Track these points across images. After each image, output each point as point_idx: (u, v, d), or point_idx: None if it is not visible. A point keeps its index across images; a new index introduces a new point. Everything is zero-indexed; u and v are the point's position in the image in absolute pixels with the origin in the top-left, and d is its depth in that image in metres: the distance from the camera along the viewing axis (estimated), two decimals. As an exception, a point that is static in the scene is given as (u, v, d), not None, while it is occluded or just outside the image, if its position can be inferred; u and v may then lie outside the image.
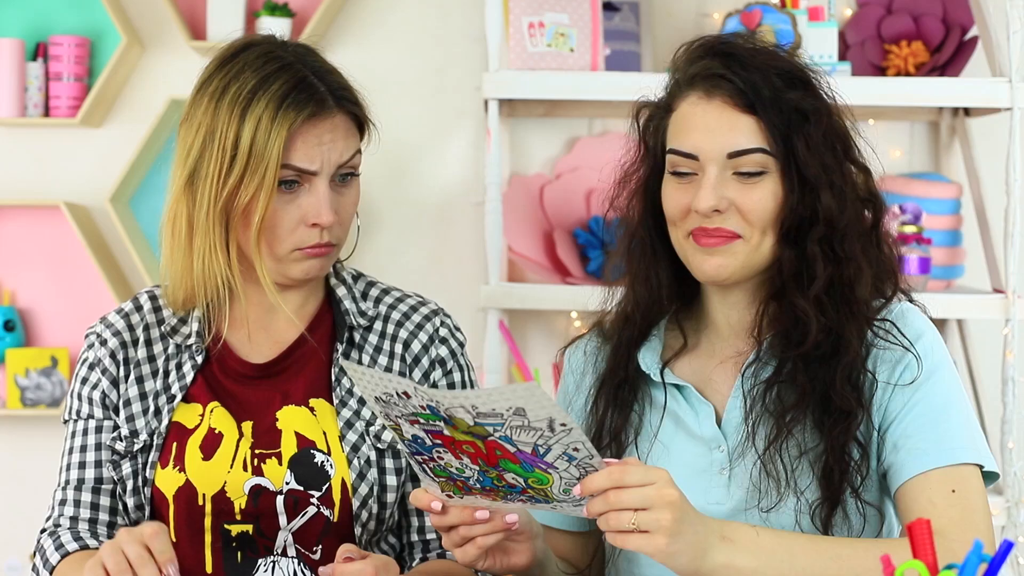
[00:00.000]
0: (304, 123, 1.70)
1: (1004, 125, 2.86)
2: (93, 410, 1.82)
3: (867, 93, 2.85)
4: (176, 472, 1.75)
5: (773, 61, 1.66)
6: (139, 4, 3.24)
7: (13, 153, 3.27)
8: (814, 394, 1.62)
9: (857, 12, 3.12)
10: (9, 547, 3.24)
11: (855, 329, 1.64)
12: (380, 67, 3.24)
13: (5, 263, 3.28)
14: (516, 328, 3.14)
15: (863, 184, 1.68)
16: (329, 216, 1.72)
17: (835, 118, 1.67)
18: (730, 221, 1.63)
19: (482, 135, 3.16)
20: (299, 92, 1.71)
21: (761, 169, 1.62)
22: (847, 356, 1.63)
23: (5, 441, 3.28)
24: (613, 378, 1.74)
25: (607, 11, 3.07)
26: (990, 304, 2.85)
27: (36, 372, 3.20)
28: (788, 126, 1.62)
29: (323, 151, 1.72)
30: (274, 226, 1.72)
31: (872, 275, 1.66)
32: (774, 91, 1.63)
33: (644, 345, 1.74)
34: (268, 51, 1.75)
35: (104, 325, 1.85)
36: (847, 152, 1.67)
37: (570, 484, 1.44)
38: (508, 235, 3.03)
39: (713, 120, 1.63)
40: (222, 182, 1.70)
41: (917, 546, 1.24)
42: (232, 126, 1.69)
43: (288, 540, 1.75)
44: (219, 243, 1.72)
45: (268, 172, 1.68)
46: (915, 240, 2.88)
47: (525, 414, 1.39)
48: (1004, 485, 2.83)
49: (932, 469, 1.59)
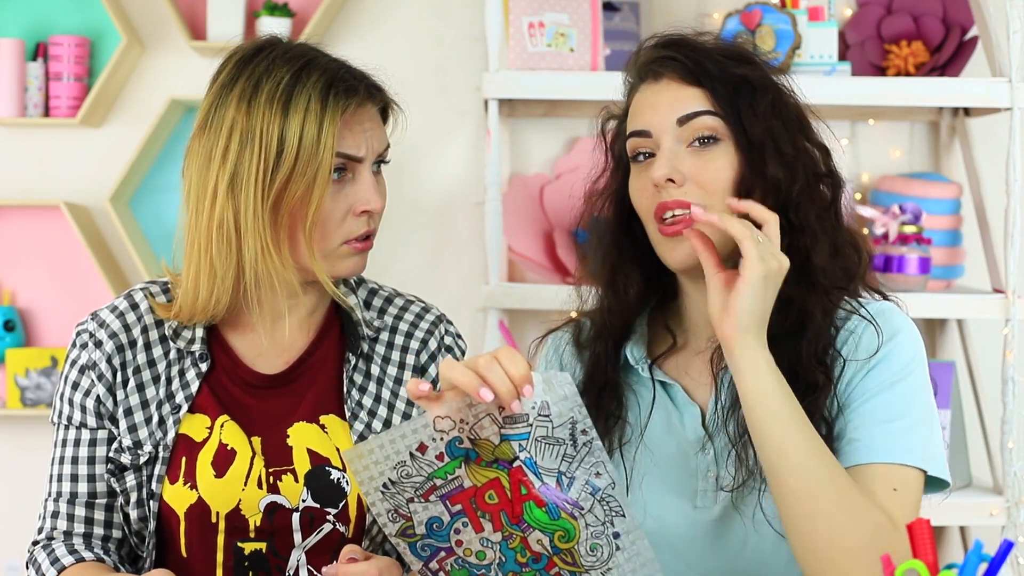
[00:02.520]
0: (351, 111, 1.71)
1: (1004, 125, 2.86)
2: (86, 419, 1.76)
3: (867, 93, 2.85)
4: (187, 489, 1.71)
5: (719, 44, 1.70)
6: (139, 4, 3.24)
7: (13, 153, 3.27)
8: (782, 371, 1.61)
9: (857, 12, 3.12)
10: (9, 547, 3.24)
11: (816, 299, 1.63)
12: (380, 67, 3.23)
13: (5, 263, 3.28)
14: (516, 328, 3.14)
15: (821, 161, 1.68)
16: (378, 201, 1.72)
17: (785, 95, 1.68)
18: (690, 194, 1.63)
19: (482, 135, 3.16)
20: (339, 82, 1.71)
21: (712, 134, 1.63)
22: (811, 329, 1.63)
23: (5, 441, 3.28)
24: (594, 385, 1.74)
25: (607, 11, 3.07)
26: (990, 304, 2.85)
27: (36, 372, 3.20)
28: (735, 94, 1.64)
29: (367, 138, 1.73)
30: (325, 219, 1.70)
31: (830, 246, 1.65)
32: (719, 66, 1.65)
33: (629, 341, 1.75)
34: (289, 48, 1.74)
35: (97, 324, 1.78)
36: (801, 127, 1.68)
37: (597, 534, 1.41)
38: (508, 235, 3.03)
39: (662, 96, 1.66)
40: (269, 180, 1.67)
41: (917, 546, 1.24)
42: (275, 123, 1.67)
43: (301, 560, 1.72)
44: (271, 242, 1.69)
45: (324, 163, 1.67)
46: (915, 240, 2.88)
47: (549, 412, 1.37)
48: (1004, 485, 2.83)
49: (875, 463, 1.58)
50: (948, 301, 2.86)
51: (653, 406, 1.71)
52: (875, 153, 3.23)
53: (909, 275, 2.87)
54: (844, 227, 1.69)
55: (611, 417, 1.72)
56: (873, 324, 1.65)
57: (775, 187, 1.62)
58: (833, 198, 1.68)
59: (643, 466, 1.69)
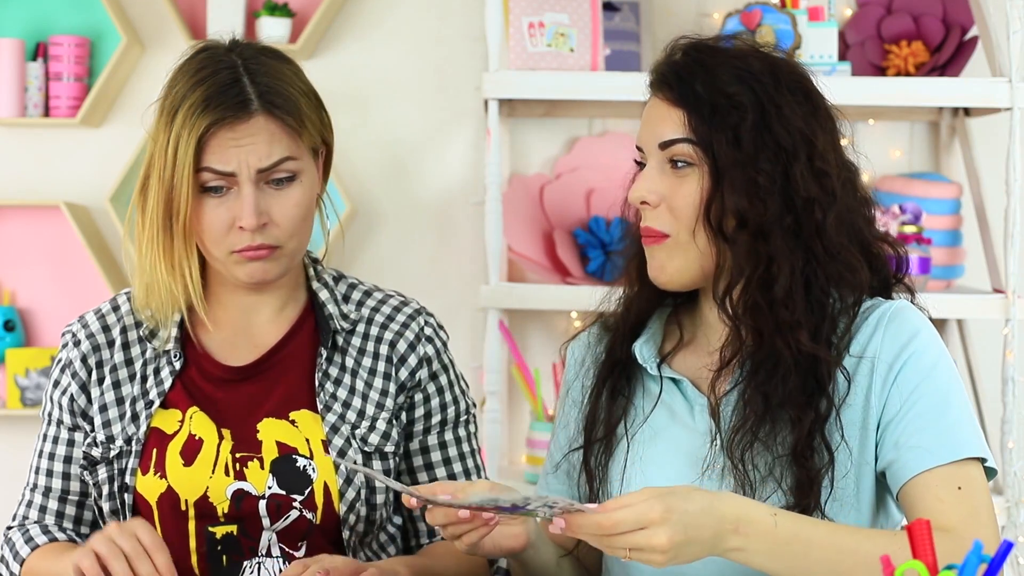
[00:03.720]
0: (217, 127, 1.71)
1: (1004, 125, 2.86)
2: (62, 415, 1.85)
3: (867, 93, 2.85)
4: (157, 479, 1.76)
5: (732, 60, 1.67)
6: (139, 4, 3.24)
7: (13, 153, 3.27)
8: (768, 404, 1.62)
9: (857, 12, 3.12)
10: (9, 547, 3.25)
11: (774, 330, 1.62)
12: (380, 67, 3.24)
13: (5, 263, 3.28)
14: (516, 328, 3.14)
15: (811, 184, 1.65)
16: (251, 219, 1.71)
17: (788, 116, 1.65)
18: (659, 220, 1.66)
19: (482, 135, 3.16)
20: (219, 96, 1.72)
21: (687, 159, 1.65)
22: (781, 366, 1.62)
23: (5, 441, 3.28)
24: (609, 365, 1.77)
25: (607, 11, 3.07)
26: (990, 304, 2.85)
27: (36, 372, 3.20)
28: (713, 117, 1.64)
29: (240, 152, 1.72)
30: (207, 230, 1.74)
31: (801, 274, 1.63)
32: (709, 87, 1.65)
33: (641, 338, 1.76)
34: (212, 56, 1.76)
35: (80, 325, 1.87)
36: (797, 151, 1.65)
37: (553, 516, 1.47)
38: (508, 235, 3.03)
39: (652, 114, 1.69)
40: (161, 189, 1.74)
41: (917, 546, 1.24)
42: (164, 133, 1.73)
43: (272, 540, 1.76)
44: (163, 249, 1.76)
45: (184, 175, 1.71)
46: (915, 240, 2.88)
47: (499, 501, 1.46)
48: (1004, 485, 2.83)
49: (936, 467, 1.58)
50: (948, 301, 2.86)
51: (659, 399, 1.72)
52: (875, 153, 3.22)
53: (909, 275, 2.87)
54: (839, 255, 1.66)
55: (620, 397, 1.74)
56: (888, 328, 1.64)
57: (739, 216, 1.63)
58: (821, 223, 1.64)
59: (649, 451, 1.71)
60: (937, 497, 1.57)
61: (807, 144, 1.65)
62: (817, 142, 1.66)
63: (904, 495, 1.61)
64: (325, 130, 1.81)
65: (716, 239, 1.64)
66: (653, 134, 1.67)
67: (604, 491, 1.72)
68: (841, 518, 1.62)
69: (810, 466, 1.60)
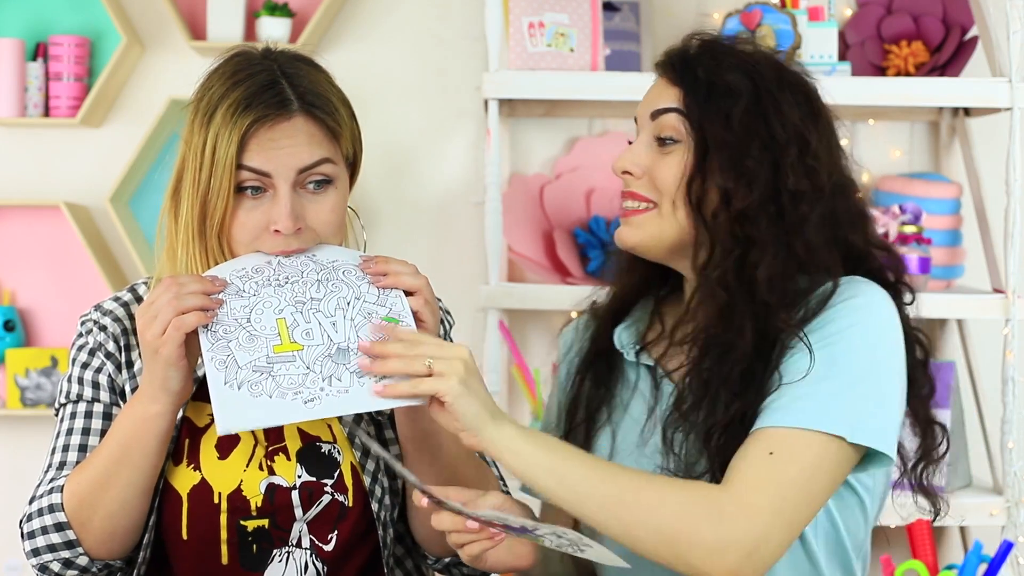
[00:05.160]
0: (258, 125, 1.70)
1: (1004, 125, 2.87)
2: (99, 394, 1.79)
3: (867, 93, 2.85)
4: (191, 470, 1.75)
5: (737, 54, 1.70)
6: (139, 4, 3.24)
7: (13, 153, 3.27)
8: (708, 388, 1.62)
9: (857, 12, 3.12)
10: (9, 547, 3.24)
11: (754, 311, 1.62)
12: (380, 67, 3.24)
13: (5, 263, 3.28)
14: (516, 328, 3.14)
15: (802, 179, 1.65)
16: (287, 222, 1.69)
17: (784, 112, 1.66)
18: (644, 187, 1.69)
19: (482, 135, 3.16)
20: (259, 96, 1.71)
21: (673, 135, 1.68)
22: (737, 349, 1.61)
23: (5, 441, 3.28)
24: (593, 353, 1.79)
25: (607, 11, 3.07)
26: (990, 304, 2.85)
27: (36, 372, 3.20)
28: (709, 98, 1.66)
29: (280, 154, 1.70)
30: (238, 232, 1.72)
31: (785, 263, 1.63)
32: (709, 72, 1.68)
33: (623, 325, 1.78)
34: (249, 59, 1.75)
35: (100, 312, 1.83)
36: (787, 145, 1.65)
37: (561, 546, 1.48)
38: (508, 235, 3.03)
39: (652, 91, 1.74)
40: (196, 192, 1.71)
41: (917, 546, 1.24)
42: (200, 135, 1.71)
43: (303, 531, 1.76)
44: (198, 253, 1.73)
45: (224, 175, 1.69)
46: (915, 240, 2.88)
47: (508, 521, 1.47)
48: (1004, 485, 2.83)
49: (772, 427, 1.55)
50: (948, 301, 2.86)
51: (636, 386, 1.75)
52: (875, 153, 3.23)
53: (909, 275, 2.87)
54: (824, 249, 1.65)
55: (600, 385, 1.77)
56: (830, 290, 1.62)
57: (723, 195, 1.64)
58: (802, 216, 1.64)
59: (622, 438, 1.73)
60: (744, 455, 1.54)
61: (800, 141, 1.66)
62: (811, 142, 1.67)
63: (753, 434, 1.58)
64: (356, 142, 1.81)
65: (695, 215, 1.65)
66: (648, 105, 1.72)
67: None
68: None
69: (724, 456, 1.58)
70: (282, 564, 1.76)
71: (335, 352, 1.57)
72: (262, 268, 1.65)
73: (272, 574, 1.75)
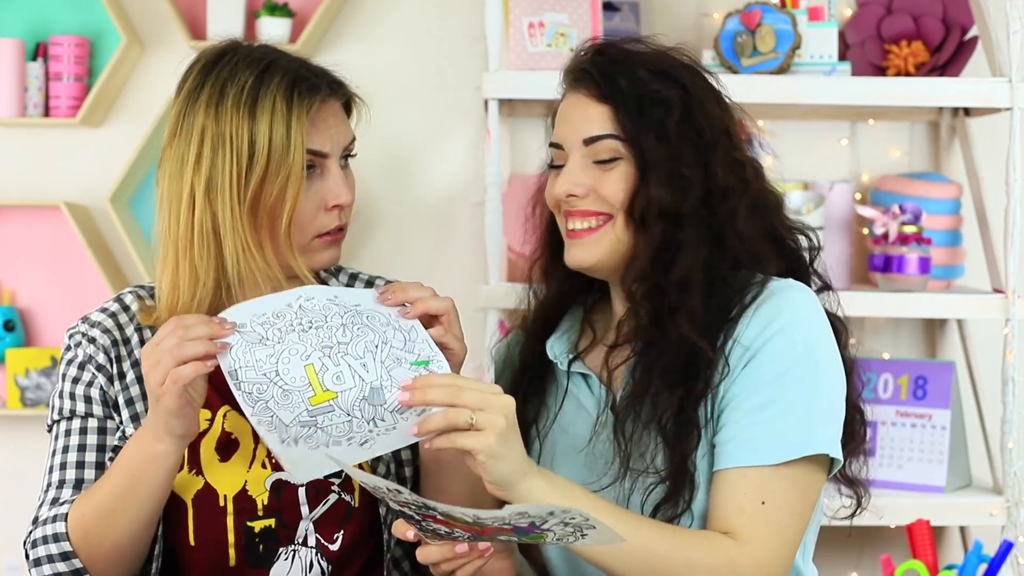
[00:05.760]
0: (316, 108, 1.73)
1: (1004, 125, 2.86)
2: (92, 408, 1.78)
3: (867, 93, 2.85)
4: (193, 476, 1.75)
5: (649, 58, 1.71)
6: (139, 4, 3.24)
7: (13, 153, 3.27)
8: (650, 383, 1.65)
9: (857, 12, 3.12)
10: (9, 547, 3.24)
11: (669, 316, 1.64)
12: (380, 67, 3.24)
13: (5, 263, 3.28)
14: (516, 328, 3.14)
15: (728, 175, 1.68)
16: (347, 195, 1.76)
17: (710, 109, 1.69)
18: (593, 203, 1.69)
19: (482, 135, 3.16)
20: (302, 81, 1.73)
21: (614, 156, 1.67)
22: (667, 349, 1.63)
23: (5, 441, 3.28)
24: (524, 368, 1.81)
25: (607, 11, 3.07)
26: (990, 304, 2.85)
27: (36, 372, 3.20)
28: (640, 113, 1.66)
29: (332, 134, 1.75)
30: (299, 215, 1.73)
31: (704, 261, 1.65)
32: (633, 83, 1.68)
33: (553, 335, 1.80)
34: (250, 51, 1.77)
35: (89, 324, 1.82)
36: (715, 143, 1.68)
37: (562, 535, 1.47)
38: (508, 235, 3.03)
39: (574, 110, 1.72)
40: (244, 183, 1.70)
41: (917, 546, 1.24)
42: (244, 126, 1.70)
43: (309, 529, 1.76)
44: (252, 243, 1.72)
45: (295, 161, 1.70)
46: (915, 240, 2.88)
47: (528, 513, 1.43)
48: (1004, 485, 2.83)
49: (752, 466, 1.59)
50: (948, 301, 2.86)
51: (566, 395, 1.76)
52: (875, 153, 3.23)
53: (909, 275, 2.87)
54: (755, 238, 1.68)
55: (533, 398, 1.78)
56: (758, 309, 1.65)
57: (660, 207, 1.65)
58: (732, 211, 1.67)
59: (557, 448, 1.75)
60: (739, 506, 1.58)
61: (725, 135, 1.69)
62: (733, 135, 1.70)
63: (716, 480, 1.62)
64: None
65: (636, 229, 1.66)
66: (576, 130, 1.70)
67: None
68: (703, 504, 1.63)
69: (679, 445, 1.62)
70: (287, 562, 1.76)
71: (369, 392, 1.55)
72: (283, 313, 1.61)
73: (277, 572, 1.76)
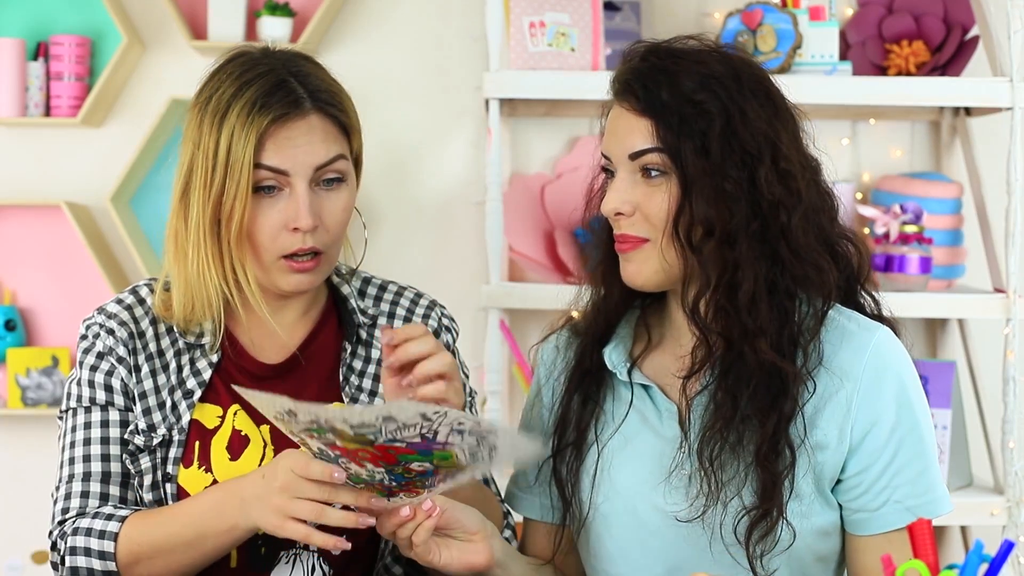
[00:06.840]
0: (275, 124, 1.70)
1: (1005, 125, 2.87)
2: (114, 398, 1.78)
3: (868, 93, 2.85)
4: (202, 472, 1.75)
5: (697, 62, 1.67)
6: (140, 4, 3.24)
7: (14, 153, 3.27)
8: (736, 408, 1.63)
9: (858, 12, 3.12)
10: (9, 547, 3.24)
11: (744, 339, 1.62)
12: (380, 67, 3.24)
13: (5, 263, 3.28)
14: (516, 328, 3.14)
15: (779, 185, 1.65)
16: (307, 219, 1.71)
17: (753, 118, 1.65)
18: (636, 226, 1.66)
19: (483, 135, 3.16)
20: (271, 95, 1.71)
21: (658, 167, 1.64)
22: (747, 372, 1.62)
23: (5, 441, 3.28)
24: (580, 371, 1.77)
25: (608, 11, 3.07)
26: (991, 304, 2.85)
27: (37, 372, 3.20)
28: (682, 125, 1.63)
29: (297, 152, 1.71)
30: (257, 232, 1.72)
31: (765, 279, 1.63)
32: (675, 94, 1.64)
33: (611, 343, 1.76)
34: (252, 59, 1.75)
35: (106, 316, 1.81)
36: (762, 155, 1.64)
37: (472, 451, 1.49)
38: (509, 235, 3.03)
39: (619, 123, 1.69)
40: (208, 193, 1.71)
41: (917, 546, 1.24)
42: (212, 136, 1.70)
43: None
44: (211, 255, 1.72)
45: (242, 175, 1.69)
46: (916, 240, 2.88)
47: (394, 419, 1.44)
48: (1004, 485, 2.83)
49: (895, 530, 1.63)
50: (949, 301, 2.86)
51: (631, 407, 1.73)
52: (876, 153, 3.23)
53: (910, 275, 2.87)
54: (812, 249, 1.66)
55: (589, 402, 1.75)
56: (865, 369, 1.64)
57: (706, 224, 1.62)
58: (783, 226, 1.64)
59: (619, 457, 1.71)
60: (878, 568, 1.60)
61: (771, 146, 1.64)
62: (781, 143, 1.65)
63: (866, 542, 1.64)
64: (360, 137, 1.82)
65: (684, 248, 1.63)
66: (622, 145, 1.67)
67: (576, 498, 1.73)
68: (801, 518, 1.62)
69: (773, 468, 1.60)
70: (288, 565, 1.76)
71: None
72: None
73: (278, 575, 1.76)
